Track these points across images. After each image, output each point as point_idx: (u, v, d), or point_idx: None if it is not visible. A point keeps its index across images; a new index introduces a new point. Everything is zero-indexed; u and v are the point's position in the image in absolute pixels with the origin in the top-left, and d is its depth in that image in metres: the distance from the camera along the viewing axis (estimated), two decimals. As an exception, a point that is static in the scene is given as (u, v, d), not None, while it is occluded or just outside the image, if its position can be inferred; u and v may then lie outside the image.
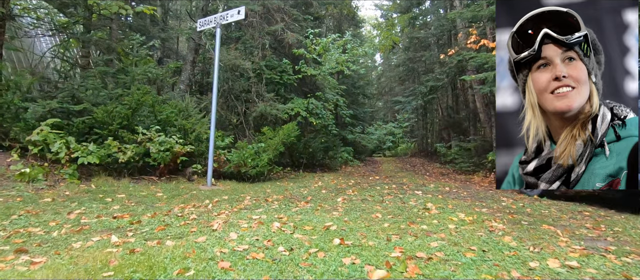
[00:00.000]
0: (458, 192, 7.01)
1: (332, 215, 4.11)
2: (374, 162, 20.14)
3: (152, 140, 6.21)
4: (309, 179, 8.74)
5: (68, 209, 4.07)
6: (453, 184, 8.62)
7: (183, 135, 6.75)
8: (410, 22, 19.63)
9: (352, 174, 11.36)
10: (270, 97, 9.13)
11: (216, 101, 6.61)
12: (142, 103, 6.47)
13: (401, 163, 19.49)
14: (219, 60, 8.14)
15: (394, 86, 28.13)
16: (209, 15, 7.16)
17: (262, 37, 9.23)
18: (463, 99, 15.66)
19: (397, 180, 9.13)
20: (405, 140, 32.31)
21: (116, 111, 6.21)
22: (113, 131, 6.19)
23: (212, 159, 6.45)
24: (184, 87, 9.65)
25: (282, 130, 8.10)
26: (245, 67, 8.42)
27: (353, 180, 8.85)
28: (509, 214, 4.49)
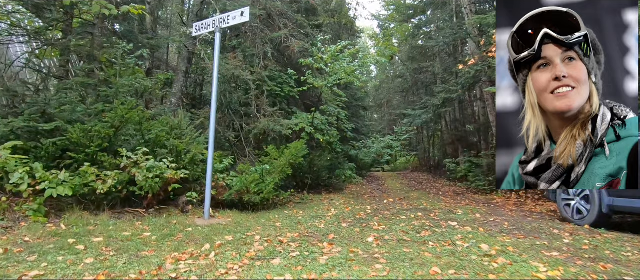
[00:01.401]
0: (496, 221, 6.09)
1: (375, 270, 3.14)
2: (376, 179, 19.23)
3: (138, 165, 5.18)
4: (318, 204, 7.75)
5: (23, 267, 3.02)
6: (479, 208, 7.70)
7: (175, 158, 5.72)
8: (412, 32, 18.96)
9: (361, 195, 10.40)
10: (273, 111, 8.16)
11: (215, 117, 5.63)
12: (127, 120, 5.45)
13: (405, 179, 18.60)
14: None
15: (392, 98, 27.39)
16: (205, 19, 6.21)
17: (264, 45, 8.30)
18: (471, 112, 14.89)
19: (416, 204, 8.18)
20: (404, 154, 31.52)
21: (95, 130, 5.18)
22: (91, 155, 5.15)
23: (210, 185, 5.43)
24: (175, 101, 8.64)
25: (288, 149, 7.12)
26: (246, 78, 7.44)
27: (368, 205, 7.88)
28: (591, 260, 3.57)
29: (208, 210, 5.39)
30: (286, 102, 10.20)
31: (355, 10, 18.47)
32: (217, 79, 5.83)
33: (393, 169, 28.49)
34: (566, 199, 6.12)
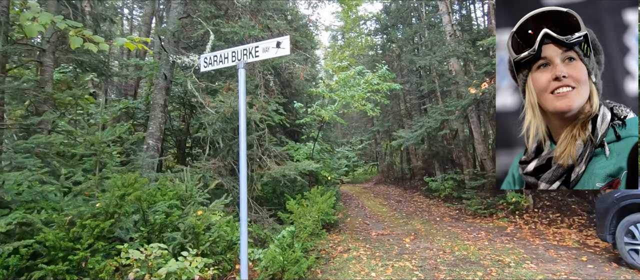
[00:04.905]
0: (539, 265, 5.46)
1: None
2: (347, 196, 18.25)
3: (150, 268, 3.51)
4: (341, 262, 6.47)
5: None
6: (511, 246, 6.99)
7: (193, 243, 4.10)
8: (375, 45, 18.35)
9: (363, 231, 9.27)
10: (281, 151, 6.70)
11: (246, 182, 4.09)
12: (125, 202, 3.73)
13: (378, 196, 17.85)
14: (210, 107, 5.70)
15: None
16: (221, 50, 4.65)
17: (264, 73, 6.81)
18: (448, 128, 14.57)
19: (440, 245, 7.27)
20: (360, 164, 31.07)
21: (84, 224, 3.41)
22: (76, 262, 3.38)
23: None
24: (153, 143, 6.78)
25: (316, 204, 5.75)
26: (252, 116, 5.90)
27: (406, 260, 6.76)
28: None
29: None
30: (270, 131, 8.76)
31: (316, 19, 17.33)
32: (245, 129, 4.31)
33: (352, 180, 27.85)
34: (631, 244, 5.55)
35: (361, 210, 13.70)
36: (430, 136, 12.70)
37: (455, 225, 9.81)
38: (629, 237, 5.56)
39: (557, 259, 6.20)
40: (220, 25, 6.24)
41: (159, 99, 7.08)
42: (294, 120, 8.03)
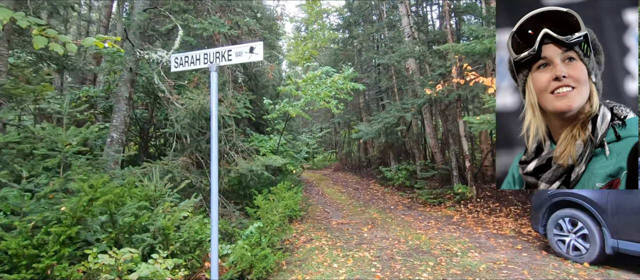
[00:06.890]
0: (482, 254, 5.87)
1: None
2: (309, 184, 18.42)
3: (120, 273, 3.37)
4: (309, 254, 6.56)
5: None
6: (457, 236, 7.44)
7: (163, 244, 3.97)
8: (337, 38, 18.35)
9: (324, 220, 9.43)
10: (248, 147, 6.59)
11: (217, 180, 4.01)
12: (93, 207, 3.52)
13: (338, 183, 18.16)
14: (178, 103, 5.51)
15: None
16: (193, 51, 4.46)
17: (232, 69, 6.60)
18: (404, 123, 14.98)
19: (396, 234, 7.58)
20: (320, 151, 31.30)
21: (49, 231, 3.19)
22: (41, 270, 3.17)
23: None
24: (118, 136, 6.40)
25: (283, 199, 5.75)
26: (222, 113, 5.73)
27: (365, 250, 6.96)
28: None
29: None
30: (236, 123, 8.59)
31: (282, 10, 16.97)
32: (216, 132, 4.19)
33: (312, 166, 28.06)
34: (559, 235, 6.09)
35: (321, 197, 13.88)
36: (388, 131, 13.02)
37: (408, 213, 10.23)
38: (557, 229, 6.09)
39: (497, 248, 6.67)
40: (190, 20, 5.96)
41: (123, 91, 6.67)
42: (262, 115, 7.92)
